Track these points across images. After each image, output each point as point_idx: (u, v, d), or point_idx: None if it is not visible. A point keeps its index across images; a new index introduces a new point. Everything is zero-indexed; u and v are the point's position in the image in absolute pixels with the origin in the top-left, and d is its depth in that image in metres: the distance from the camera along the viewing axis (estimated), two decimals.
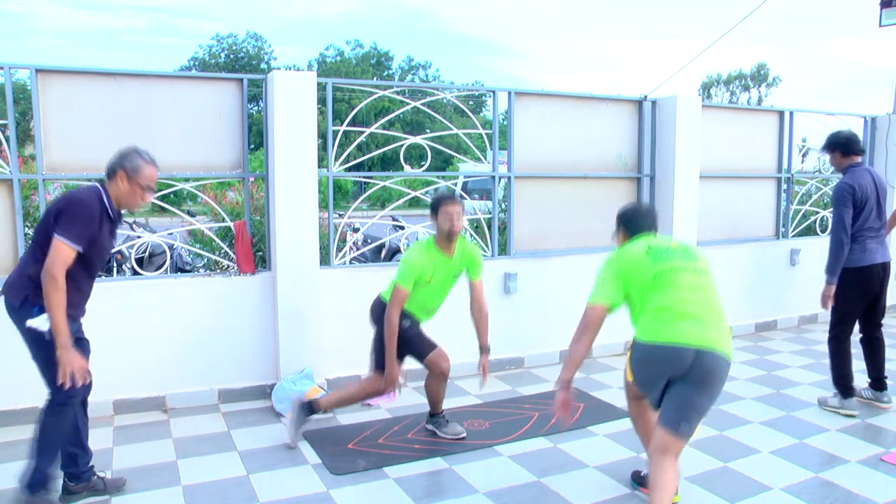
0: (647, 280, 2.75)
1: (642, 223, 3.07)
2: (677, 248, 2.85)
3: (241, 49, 46.53)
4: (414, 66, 48.95)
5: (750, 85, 47.90)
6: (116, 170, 2.89)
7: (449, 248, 3.70)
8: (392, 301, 3.61)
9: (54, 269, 2.66)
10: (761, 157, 6.44)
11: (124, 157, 2.92)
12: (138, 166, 2.91)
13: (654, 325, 2.68)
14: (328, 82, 4.58)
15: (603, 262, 2.94)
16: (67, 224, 2.70)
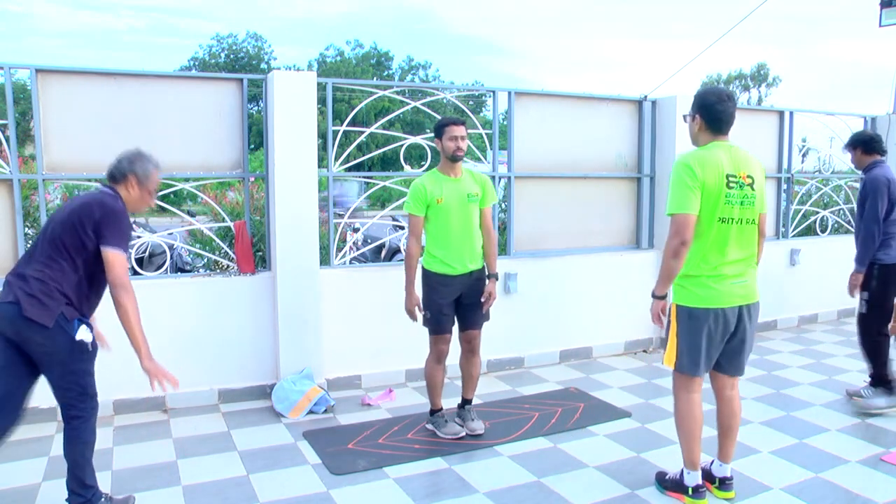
0: (712, 217, 2.84)
1: (728, 119, 2.96)
2: (745, 188, 2.90)
3: (241, 49, 46.49)
4: (414, 66, 48.92)
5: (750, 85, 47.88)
6: (127, 175, 2.87)
7: (454, 170, 3.71)
8: (409, 230, 3.69)
9: (125, 280, 2.70)
10: (761, 157, 6.41)
11: (134, 162, 2.90)
12: (149, 172, 2.92)
13: (703, 289, 2.86)
14: (328, 82, 4.58)
15: (685, 165, 2.84)
16: (117, 235, 2.71)
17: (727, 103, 2.93)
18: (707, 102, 2.93)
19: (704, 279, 2.86)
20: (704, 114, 2.94)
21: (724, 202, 2.82)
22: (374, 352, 4.74)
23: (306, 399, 4.18)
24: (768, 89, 47.80)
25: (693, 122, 3.00)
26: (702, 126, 2.95)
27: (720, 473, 3.13)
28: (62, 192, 6.69)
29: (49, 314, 2.63)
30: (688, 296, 2.90)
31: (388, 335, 4.74)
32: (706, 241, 2.85)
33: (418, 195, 3.65)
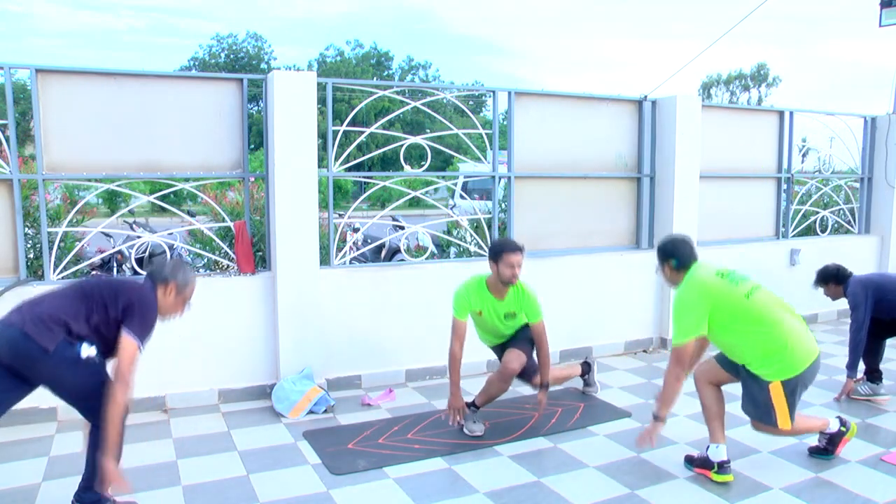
0: (741, 300, 3.10)
1: (691, 252, 3.26)
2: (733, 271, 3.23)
3: (241, 49, 46.53)
4: (414, 66, 48.95)
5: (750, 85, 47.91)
6: (168, 281, 2.91)
7: (501, 293, 3.85)
8: (452, 332, 3.81)
9: (128, 373, 2.67)
10: (761, 157, 6.44)
11: (177, 270, 2.94)
12: (189, 282, 2.95)
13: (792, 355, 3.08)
14: (328, 82, 4.58)
15: (679, 300, 3.17)
16: (140, 325, 2.73)
17: (683, 245, 3.28)
18: (667, 251, 3.29)
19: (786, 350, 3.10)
20: (671, 260, 3.27)
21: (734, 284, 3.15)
22: (374, 352, 4.74)
23: (306, 399, 4.18)
24: (768, 89, 47.84)
25: (665, 271, 3.33)
26: (672, 269, 3.28)
27: (717, 457, 3.25)
28: (62, 192, 6.68)
29: (52, 338, 2.61)
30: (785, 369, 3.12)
31: (388, 335, 4.74)
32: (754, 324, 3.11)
33: (462, 304, 3.82)
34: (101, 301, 2.75)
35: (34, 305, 2.71)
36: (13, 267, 4.03)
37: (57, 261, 4.42)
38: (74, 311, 2.70)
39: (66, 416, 4.01)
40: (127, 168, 4.24)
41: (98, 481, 2.71)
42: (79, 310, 2.71)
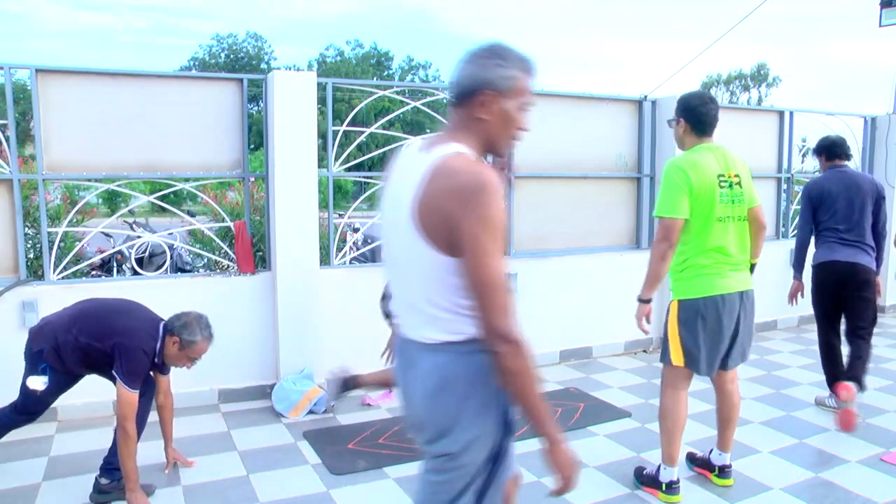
0: (708, 219, 2.88)
1: (712, 121, 2.98)
2: (734, 187, 2.95)
3: (241, 49, 46.53)
4: (414, 66, 48.94)
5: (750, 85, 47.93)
6: (175, 332, 2.98)
7: None
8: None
9: (126, 423, 2.84)
10: (761, 157, 6.43)
11: (186, 326, 2.99)
12: (194, 341, 3.00)
13: (709, 279, 2.89)
14: (328, 82, 4.58)
15: (673, 169, 2.91)
16: (131, 374, 2.85)
17: (710, 105, 2.98)
18: (690, 105, 2.99)
19: (704, 273, 2.90)
20: (688, 117, 3.00)
21: (720, 202, 2.87)
22: (374, 352, 4.74)
23: (306, 399, 4.18)
24: (768, 89, 47.87)
25: (678, 126, 3.05)
26: (686, 129, 3.00)
27: (719, 462, 3.20)
28: (62, 192, 6.69)
29: (39, 343, 2.93)
30: (688, 289, 2.94)
31: (388, 335, 4.73)
32: (705, 240, 2.89)
33: None
34: (95, 328, 2.92)
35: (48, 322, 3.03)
36: (13, 267, 4.03)
37: (57, 261, 4.43)
38: (68, 326, 2.93)
39: (66, 416, 4.01)
40: (127, 168, 4.24)
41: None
42: (72, 325, 2.93)
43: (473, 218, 1.42)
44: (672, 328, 2.98)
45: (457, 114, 1.63)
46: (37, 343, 2.94)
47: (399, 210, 1.55)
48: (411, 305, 1.62)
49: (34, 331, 3.01)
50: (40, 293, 3.97)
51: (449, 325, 1.56)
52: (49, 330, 2.96)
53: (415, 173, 1.52)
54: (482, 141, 1.61)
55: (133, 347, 2.88)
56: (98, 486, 3.03)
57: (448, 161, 1.49)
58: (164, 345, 2.99)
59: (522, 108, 1.66)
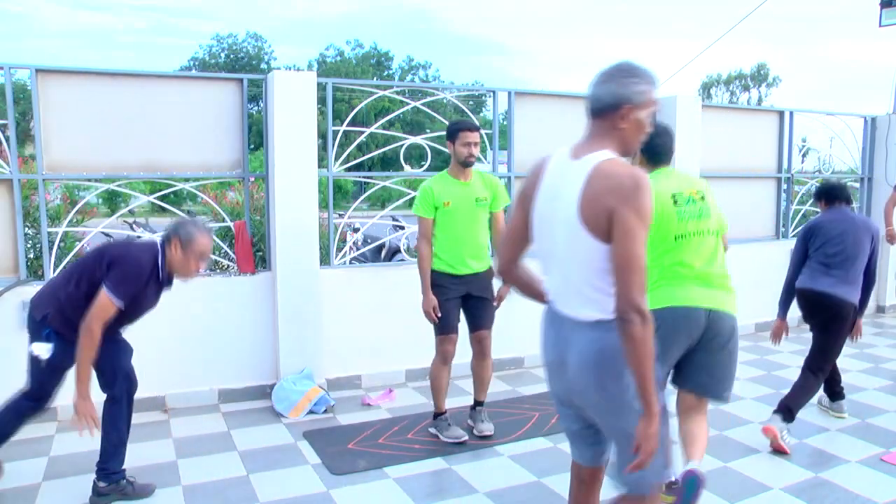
0: (669, 238, 2.77)
1: (666, 151, 2.95)
2: (696, 202, 2.85)
3: (241, 49, 46.52)
4: (414, 66, 48.93)
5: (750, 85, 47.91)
6: (171, 237, 2.94)
7: (464, 174, 3.71)
8: (419, 232, 3.69)
9: (93, 322, 2.76)
10: (761, 157, 6.43)
11: (180, 225, 2.97)
12: (192, 236, 2.95)
13: (665, 290, 2.74)
14: (328, 82, 4.58)
15: None
16: (117, 279, 2.79)
17: (663, 137, 2.94)
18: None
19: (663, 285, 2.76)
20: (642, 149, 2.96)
21: (678, 220, 2.78)
22: (374, 352, 4.75)
23: (306, 399, 4.18)
24: (768, 89, 47.85)
25: (633, 157, 2.99)
26: (642, 160, 2.98)
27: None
28: (62, 192, 6.68)
29: (41, 310, 2.88)
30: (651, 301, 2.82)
31: (388, 335, 4.74)
32: (665, 258, 2.78)
33: (426, 198, 3.66)
34: (90, 265, 2.86)
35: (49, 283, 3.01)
36: (13, 267, 4.03)
37: (57, 261, 4.43)
38: (66, 279, 2.88)
39: (67, 416, 4.00)
40: (127, 168, 4.24)
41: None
42: (71, 276, 2.88)
43: (631, 210, 1.73)
44: None
45: (597, 124, 1.92)
46: (39, 310, 2.89)
47: (561, 208, 1.85)
48: (570, 289, 1.91)
49: (34, 300, 2.96)
50: None
51: (602, 305, 1.84)
52: (48, 293, 2.92)
53: (574, 177, 1.83)
54: (620, 146, 1.91)
55: (129, 256, 2.84)
56: (96, 489, 3.02)
57: (604, 165, 1.81)
58: (168, 256, 2.93)
59: (650, 115, 2.00)
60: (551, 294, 2.03)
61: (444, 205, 3.63)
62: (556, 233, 1.89)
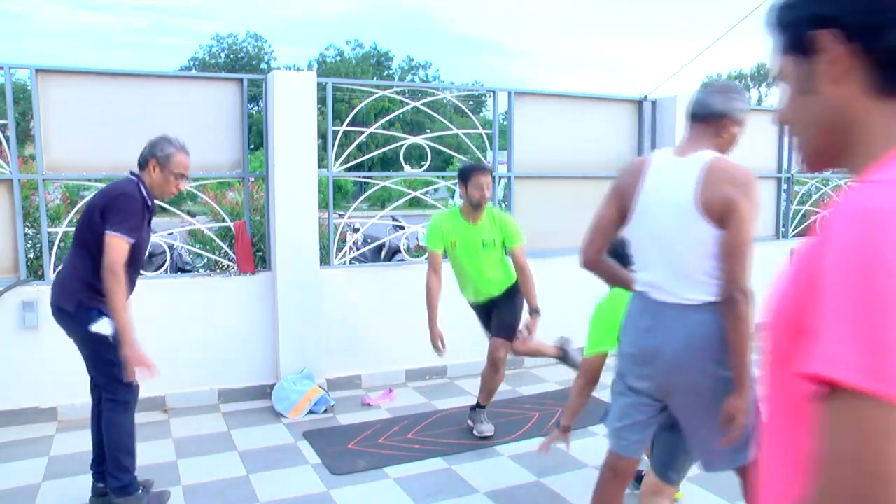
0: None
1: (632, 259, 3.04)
2: None
3: (241, 49, 46.53)
4: (414, 66, 48.95)
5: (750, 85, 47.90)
6: (148, 159, 2.91)
7: (474, 216, 3.75)
8: (428, 264, 3.77)
9: (116, 266, 2.67)
10: (761, 156, 6.43)
11: (154, 145, 2.93)
12: (169, 154, 2.92)
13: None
14: (328, 82, 4.58)
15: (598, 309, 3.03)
16: (119, 218, 2.71)
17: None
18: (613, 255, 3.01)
19: None
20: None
21: None
22: (374, 352, 4.74)
23: (306, 399, 4.18)
24: (768, 89, 47.82)
25: None
26: None
27: None
28: (62, 192, 6.68)
29: (71, 300, 2.77)
30: None
31: (388, 335, 4.74)
32: None
33: (434, 233, 3.76)
34: (87, 222, 2.79)
35: (58, 275, 2.90)
36: (13, 267, 4.03)
37: (57, 261, 4.42)
38: (80, 259, 2.79)
39: (67, 416, 4.01)
40: (127, 168, 4.16)
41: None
42: (81, 254, 2.79)
43: (747, 199, 1.94)
44: None
45: (700, 129, 2.12)
46: (69, 303, 2.75)
47: (674, 198, 2.02)
48: (678, 273, 2.05)
49: (59, 298, 2.80)
50: (40, 293, 3.96)
51: (708, 288, 2.01)
52: (68, 282, 2.80)
53: (687, 171, 2.02)
54: (717, 151, 2.09)
55: (121, 192, 2.78)
56: (95, 489, 2.99)
57: (717, 161, 2.01)
58: (147, 181, 2.88)
59: (741, 132, 2.22)
60: (648, 281, 2.14)
61: (451, 245, 3.75)
62: (667, 221, 2.05)
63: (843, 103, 0.75)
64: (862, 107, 0.75)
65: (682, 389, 2.09)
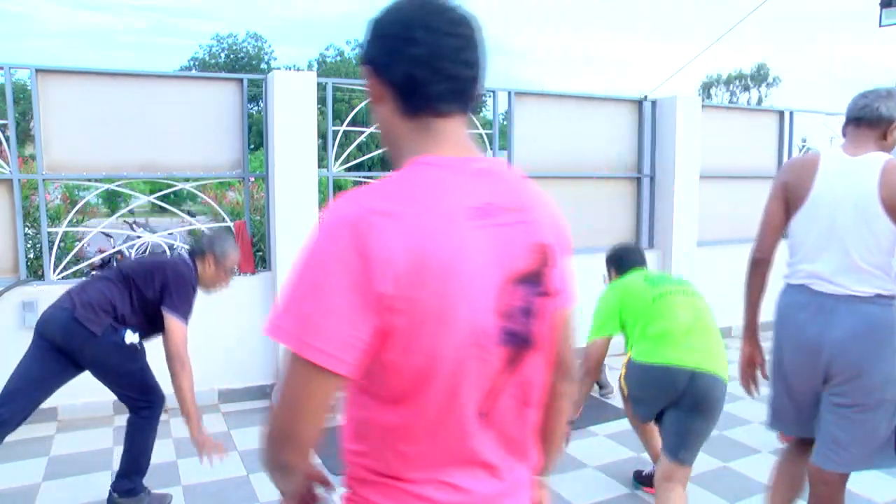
0: (647, 303, 2.72)
1: (632, 259, 3.10)
2: (671, 276, 2.99)
3: (241, 49, 46.52)
4: None
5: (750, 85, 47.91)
6: (206, 253, 2.98)
7: None
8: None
9: (182, 353, 2.82)
10: (761, 157, 6.43)
11: (214, 242, 3.00)
12: (227, 252, 3.01)
13: (651, 346, 2.64)
14: (328, 82, 4.58)
15: (599, 299, 2.94)
16: (181, 302, 2.83)
17: (630, 252, 3.13)
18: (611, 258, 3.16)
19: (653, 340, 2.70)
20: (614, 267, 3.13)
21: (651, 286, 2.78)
22: None
23: None
24: (768, 89, 47.83)
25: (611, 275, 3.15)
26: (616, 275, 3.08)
27: None
28: (62, 192, 6.69)
29: (99, 322, 2.74)
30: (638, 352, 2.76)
31: None
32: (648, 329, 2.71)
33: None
34: (139, 282, 2.85)
35: (82, 292, 2.83)
36: (13, 267, 4.03)
37: (57, 261, 4.43)
38: (119, 293, 2.82)
39: (66, 416, 4.01)
40: (127, 168, 4.24)
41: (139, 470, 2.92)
42: (122, 292, 2.83)
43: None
44: None
45: (865, 132, 2.22)
46: (96, 326, 2.72)
47: (854, 195, 2.13)
48: (850, 267, 2.14)
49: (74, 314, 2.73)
50: (40, 293, 3.97)
51: (880, 282, 2.12)
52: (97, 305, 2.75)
53: (865, 169, 2.13)
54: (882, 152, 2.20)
55: (182, 277, 2.86)
56: (112, 499, 2.96)
57: (892, 162, 2.13)
58: (200, 271, 2.97)
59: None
60: (813, 273, 2.22)
61: None
62: (845, 216, 2.14)
63: (386, 118, 0.99)
64: (396, 123, 0.98)
65: (846, 378, 2.15)
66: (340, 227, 0.86)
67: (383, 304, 0.85)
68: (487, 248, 0.92)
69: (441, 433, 0.94)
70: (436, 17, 0.96)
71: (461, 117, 1.00)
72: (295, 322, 0.86)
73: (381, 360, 0.89)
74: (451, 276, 0.87)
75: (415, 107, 0.96)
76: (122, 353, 2.81)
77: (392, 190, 0.90)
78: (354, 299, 0.84)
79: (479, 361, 0.92)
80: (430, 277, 0.86)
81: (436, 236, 0.87)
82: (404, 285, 0.85)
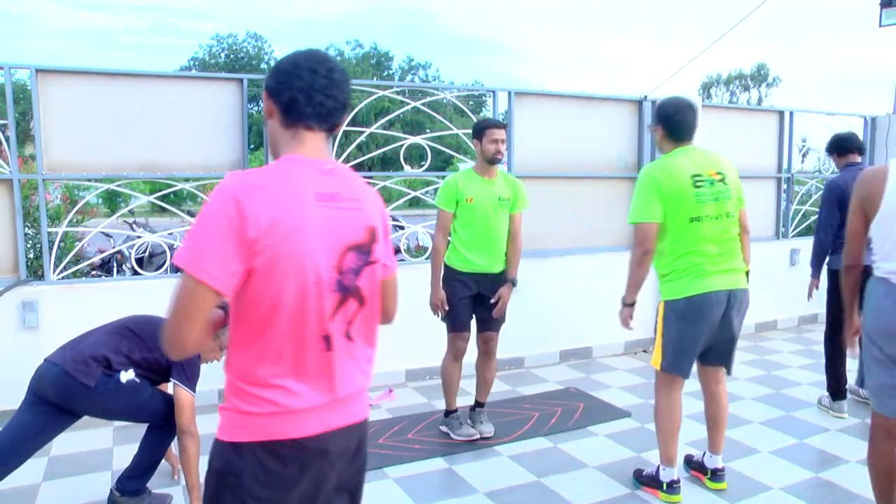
0: (685, 220, 2.87)
1: (688, 127, 3.03)
2: (716, 184, 2.96)
3: (241, 49, 46.54)
4: (414, 66, 48.94)
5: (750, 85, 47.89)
6: None
7: (489, 172, 3.70)
8: (437, 224, 3.70)
9: (192, 427, 2.78)
10: (761, 157, 6.43)
11: None
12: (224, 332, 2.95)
13: (687, 280, 2.89)
14: None
15: (645, 176, 2.95)
16: (189, 373, 2.80)
17: (686, 112, 3.01)
18: (666, 113, 3.02)
19: (685, 274, 2.90)
20: (665, 123, 3.03)
21: (695, 202, 2.86)
22: None
23: None
24: (768, 89, 47.82)
25: (656, 132, 3.10)
26: (663, 135, 3.04)
27: (712, 465, 3.19)
28: (62, 192, 6.68)
29: (91, 375, 2.69)
30: (672, 290, 2.94)
31: (388, 335, 4.69)
32: (680, 241, 2.89)
33: (449, 191, 3.66)
34: (145, 341, 2.83)
35: (77, 343, 2.81)
36: (13, 267, 4.03)
37: (57, 261, 4.43)
38: (115, 346, 2.79)
39: None
40: (127, 168, 4.24)
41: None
42: (120, 345, 2.80)
43: None
44: (658, 328, 3.01)
45: None
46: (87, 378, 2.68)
47: None
48: None
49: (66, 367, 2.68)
50: (40, 293, 3.97)
51: None
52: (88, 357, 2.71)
53: None
54: None
55: None
56: (113, 498, 2.96)
57: None
58: None
59: None
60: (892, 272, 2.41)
61: (468, 200, 3.62)
62: None
63: (274, 128, 1.45)
64: (278, 132, 1.45)
65: None
66: (227, 192, 1.28)
67: (251, 248, 1.27)
68: (329, 222, 1.36)
69: (287, 350, 1.36)
70: (316, 64, 1.40)
71: (323, 133, 1.44)
72: (190, 251, 1.27)
73: (246, 291, 1.31)
74: (297, 235, 1.31)
75: (292, 121, 1.41)
76: (122, 394, 2.77)
77: (265, 173, 1.35)
78: (232, 240, 1.26)
79: (318, 299, 1.36)
80: (282, 234, 1.29)
81: (290, 206, 1.31)
82: (265, 236, 1.27)
